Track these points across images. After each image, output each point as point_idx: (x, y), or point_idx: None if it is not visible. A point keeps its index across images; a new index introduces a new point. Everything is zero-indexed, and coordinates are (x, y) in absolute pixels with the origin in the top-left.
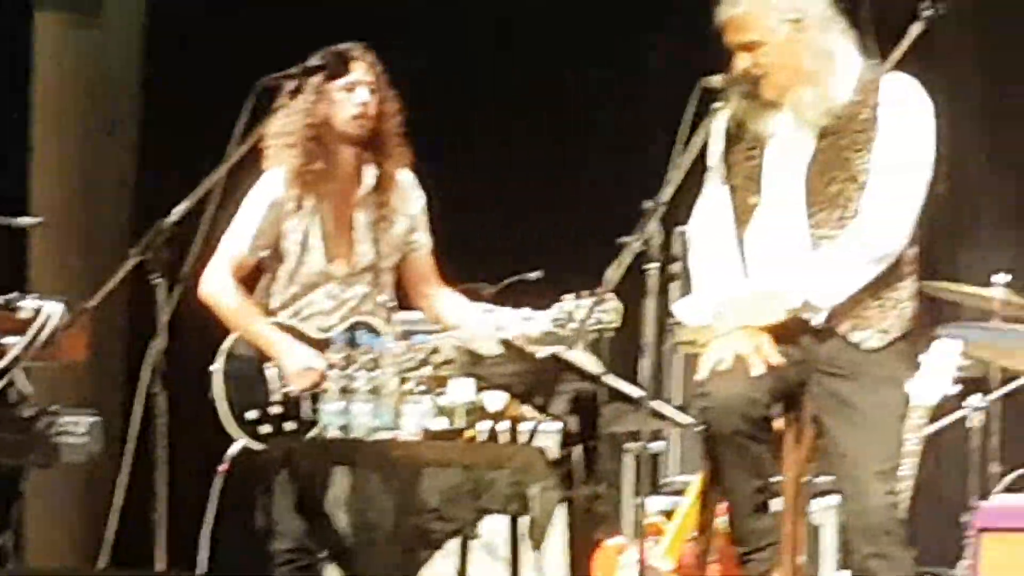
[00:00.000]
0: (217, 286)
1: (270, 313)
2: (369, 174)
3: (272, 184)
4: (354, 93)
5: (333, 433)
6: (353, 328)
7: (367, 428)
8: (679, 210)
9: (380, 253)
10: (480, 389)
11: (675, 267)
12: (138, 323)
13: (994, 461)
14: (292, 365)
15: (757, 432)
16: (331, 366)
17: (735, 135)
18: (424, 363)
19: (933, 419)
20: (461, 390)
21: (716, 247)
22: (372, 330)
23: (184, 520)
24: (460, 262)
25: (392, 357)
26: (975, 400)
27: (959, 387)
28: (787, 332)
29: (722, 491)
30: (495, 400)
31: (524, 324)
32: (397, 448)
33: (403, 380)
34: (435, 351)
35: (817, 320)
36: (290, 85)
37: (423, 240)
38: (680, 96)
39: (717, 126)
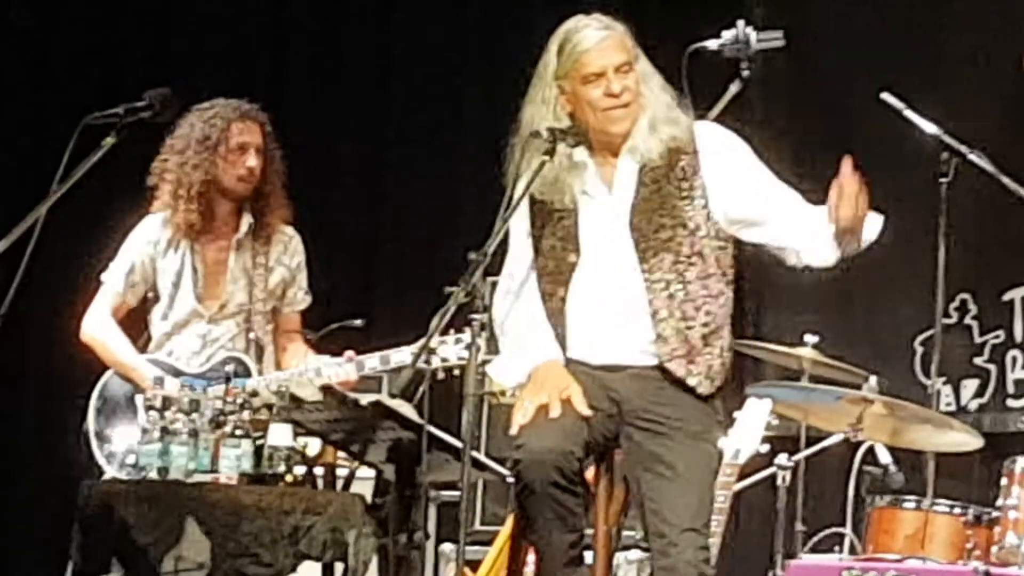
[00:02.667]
0: (93, 326)
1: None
2: (246, 221)
3: (150, 227)
4: (245, 156)
5: (152, 475)
6: (224, 364)
7: (185, 470)
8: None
9: (253, 296)
10: (297, 435)
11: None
12: None
13: (800, 520)
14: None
15: (571, 485)
16: (149, 408)
17: (544, 199)
18: (243, 406)
19: (742, 477)
20: (280, 435)
21: (524, 312)
22: (243, 366)
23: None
24: None
25: (211, 400)
26: (782, 459)
27: (768, 446)
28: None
29: (534, 544)
30: (313, 445)
31: (338, 369)
32: (215, 491)
33: (221, 423)
34: (255, 394)
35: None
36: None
37: (300, 298)
38: (503, 144)
39: (521, 188)
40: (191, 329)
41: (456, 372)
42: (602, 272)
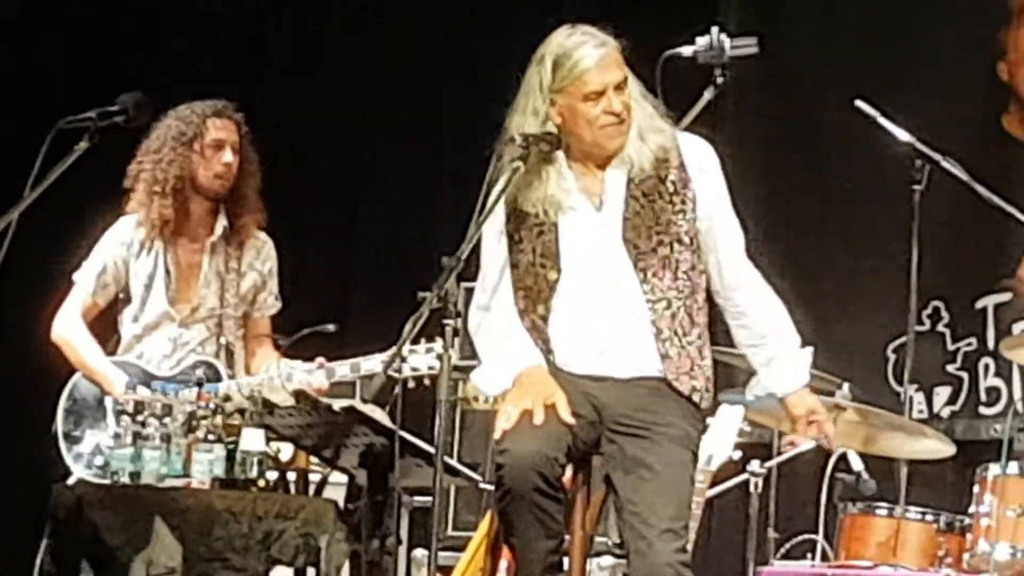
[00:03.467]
0: (62, 328)
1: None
2: (220, 224)
3: (124, 228)
4: (221, 152)
5: (124, 479)
6: (194, 368)
7: (157, 475)
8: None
9: (225, 301)
10: (269, 440)
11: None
12: None
13: (772, 527)
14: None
15: (553, 491)
16: (121, 412)
17: (519, 211)
18: (216, 411)
19: (715, 483)
20: (252, 439)
21: (500, 322)
22: (213, 369)
23: None
24: None
25: (184, 404)
26: (755, 466)
27: (740, 452)
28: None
29: (514, 549)
30: (285, 450)
31: (309, 376)
32: (188, 496)
33: (193, 428)
34: (227, 399)
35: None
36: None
37: (271, 303)
38: (480, 150)
39: (496, 202)
40: (161, 332)
41: (427, 382)
42: (591, 287)
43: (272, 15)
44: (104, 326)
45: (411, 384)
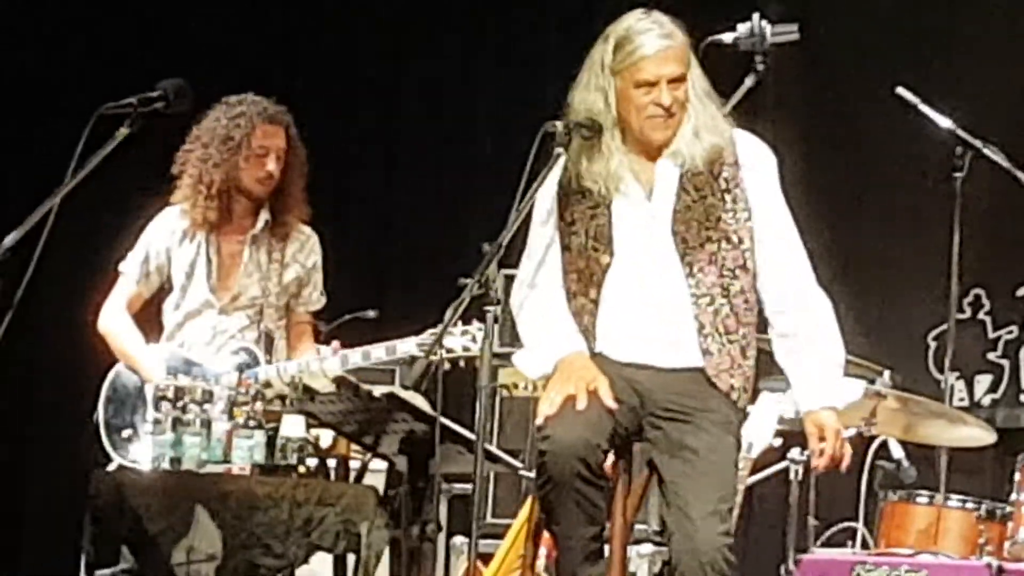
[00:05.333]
0: (107, 319)
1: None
2: (263, 218)
3: (168, 217)
4: (266, 159)
5: (164, 465)
6: (234, 354)
7: (198, 460)
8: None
9: (266, 291)
10: (310, 426)
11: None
12: None
13: (812, 515)
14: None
15: (595, 478)
16: (162, 398)
17: (574, 190)
18: (256, 398)
19: (755, 471)
20: (292, 426)
21: (544, 304)
22: (252, 356)
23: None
24: None
25: (224, 390)
26: (795, 453)
27: (780, 440)
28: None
29: (555, 535)
30: (325, 437)
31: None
32: (228, 482)
33: (234, 414)
34: (268, 385)
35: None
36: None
37: (315, 298)
38: (519, 138)
39: (551, 181)
40: (202, 319)
41: (462, 363)
42: (638, 275)
43: (307, 5)
44: (151, 315)
45: (447, 366)
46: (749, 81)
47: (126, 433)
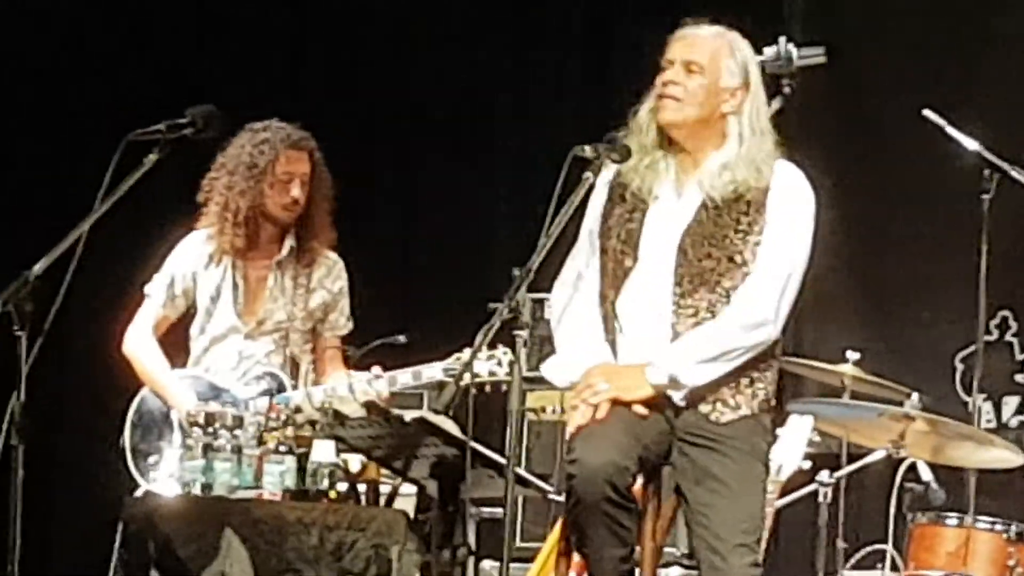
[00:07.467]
0: (132, 343)
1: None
2: (288, 244)
3: (194, 241)
4: (290, 185)
5: (195, 491)
6: (259, 379)
7: (229, 486)
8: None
9: (292, 316)
10: (340, 451)
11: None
12: None
13: (841, 537)
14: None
15: (624, 501)
16: (193, 424)
17: (618, 195)
18: (287, 423)
19: (784, 493)
20: (323, 451)
21: (580, 311)
22: (277, 380)
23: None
24: None
25: (255, 416)
26: (824, 476)
27: (809, 463)
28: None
29: (585, 558)
30: (355, 461)
31: (368, 386)
32: (259, 507)
33: (264, 439)
34: (298, 410)
35: (677, 397)
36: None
37: (342, 323)
38: (546, 161)
39: (603, 181)
40: (228, 344)
41: (488, 387)
42: (649, 283)
43: (324, 28)
44: (177, 339)
45: (473, 391)
46: (776, 104)
47: (152, 459)
